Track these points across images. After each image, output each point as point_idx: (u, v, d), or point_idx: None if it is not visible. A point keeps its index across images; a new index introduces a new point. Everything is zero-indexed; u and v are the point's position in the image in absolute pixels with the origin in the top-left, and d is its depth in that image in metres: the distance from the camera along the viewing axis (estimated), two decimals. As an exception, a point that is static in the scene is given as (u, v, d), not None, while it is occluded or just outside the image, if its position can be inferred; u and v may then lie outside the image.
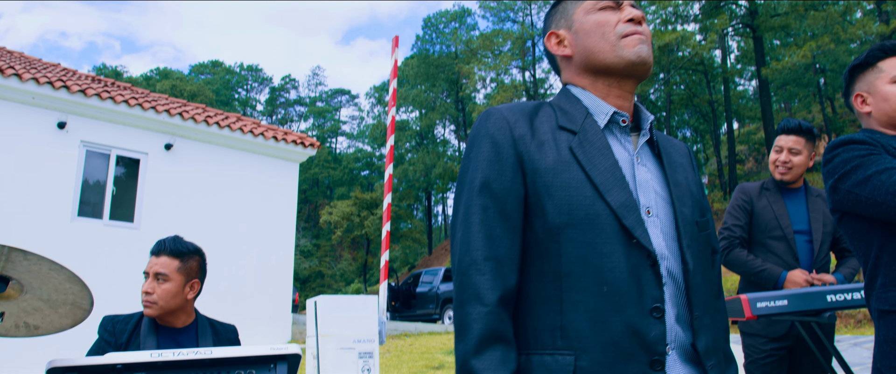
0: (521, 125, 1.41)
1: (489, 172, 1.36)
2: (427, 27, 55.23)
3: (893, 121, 2.15)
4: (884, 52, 2.20)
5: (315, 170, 64.68)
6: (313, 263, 54.66)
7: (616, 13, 1.49)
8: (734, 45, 40.40)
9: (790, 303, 2.70)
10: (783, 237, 3.48)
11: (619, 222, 1.31)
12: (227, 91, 70.13)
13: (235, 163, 12.05)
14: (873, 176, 1.92)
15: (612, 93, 1.49)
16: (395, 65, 5.87)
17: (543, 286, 1.32)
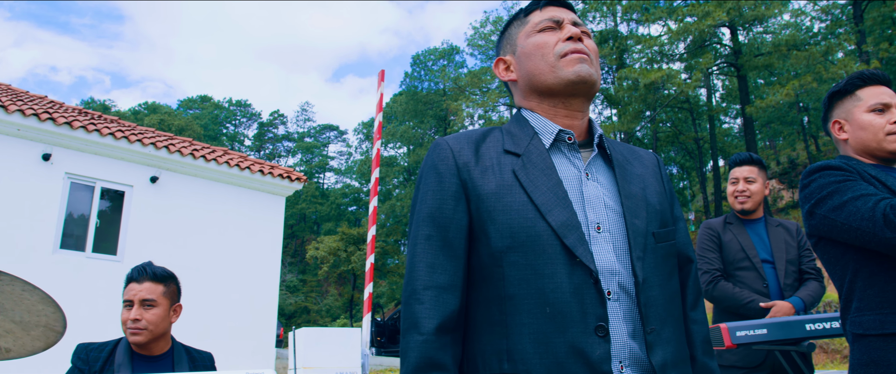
0: (466, 153, 1.43)
1: (433, 201, 1.39)
2: (415, 64, 55.68)
3: (869, 149, 2.18)
4: (863, 81, 2.24)
5: (302, 205, 64.51)
6: (299, 298, 54.23)
7: (556, 33, 1.50)
8: (719, 84, 40.93)
9: (769, 332, 2.72)
10: (752, 267, 3.56)
11: (560, 242, 1.30)
12: (216, 126, 70.20)
13: (221, 197, 12.00)
14: (849, 202, 1.95)
15: (559, 113, 1.49)
16: (381, 98, 5.91)
17: (489, 311, 1.32)
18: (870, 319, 1.98)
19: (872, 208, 1.88)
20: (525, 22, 1.56)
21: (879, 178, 2.06)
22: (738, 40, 31.10)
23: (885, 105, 2.17)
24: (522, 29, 1.56)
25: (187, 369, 2.62)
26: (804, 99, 34.19)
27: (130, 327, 2.51)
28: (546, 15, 1.53)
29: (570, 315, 1.26)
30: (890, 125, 2.14)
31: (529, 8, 1.57)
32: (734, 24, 29.98)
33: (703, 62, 28.59)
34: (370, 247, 5.55)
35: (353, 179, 67.82)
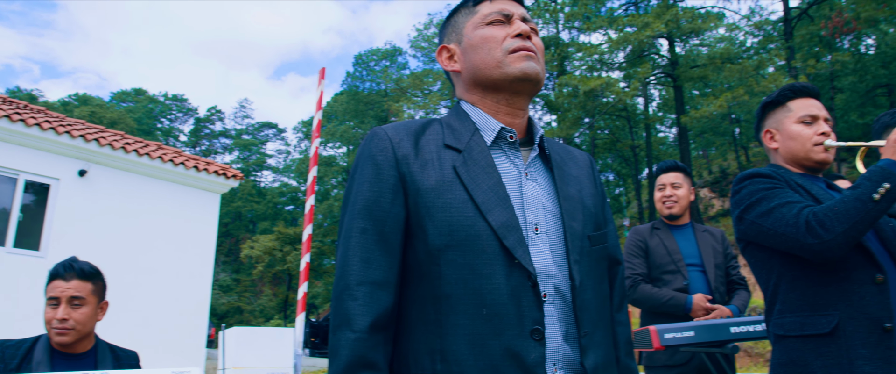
0: (405, 145, 1.38)
1: (369, 194, 1.33)
2: (358, 64, 55.39)
3: (798, 158, 2.26)
4: (794, 93, 2.32)
5: (238, 203, 63.34)
6: (232, 298, 53.23)
7: (505, 28, 1.46)
8: (656, 94, 41.87)
9: (696, 334, 2.77)
10: (677, 271, 3.64)
11: (499, 243, 1.28)
12: (150, 120, 68.33)
13: (154, 193, 11.68)
14: (776, 208, 2.03)
15: (502, 109, 1.46)
16: (321, 97, 5.85)
17: (423, 309, 1.29)
18: (791, 320, 2.06)
19: (797, 215, 1.96)
20: (473, 12, 1.51)
21: (805, 186, 2.14)
22: (675, 52, 31.88)
23: (813, 117, 2.26)
24: (470, 19, 1.51)
25: (111, 367, 2.52)
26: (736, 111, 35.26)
27: (56, 326, 2.40)
28: (496, 7, 1.49)
29: (507, 317, 1.24)
30: (817, 136, 2.22)
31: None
32: (672, 35, 30.75)
33: (641, 72, 29.23)
34: (306, 246, 5.48)
35: (291, 178, 66.93)
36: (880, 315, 1.93)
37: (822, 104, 2.31)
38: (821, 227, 1.90)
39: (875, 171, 1.93)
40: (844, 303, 1.97)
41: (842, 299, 1.97)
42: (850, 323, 1.94)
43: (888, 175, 1.89)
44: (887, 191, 1.87)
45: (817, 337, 1.98)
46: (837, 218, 1.88)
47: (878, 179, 1.90)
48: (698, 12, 29.98)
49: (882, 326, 1.92)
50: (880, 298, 1.95)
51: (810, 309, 2.02)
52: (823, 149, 2.22)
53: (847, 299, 1.97)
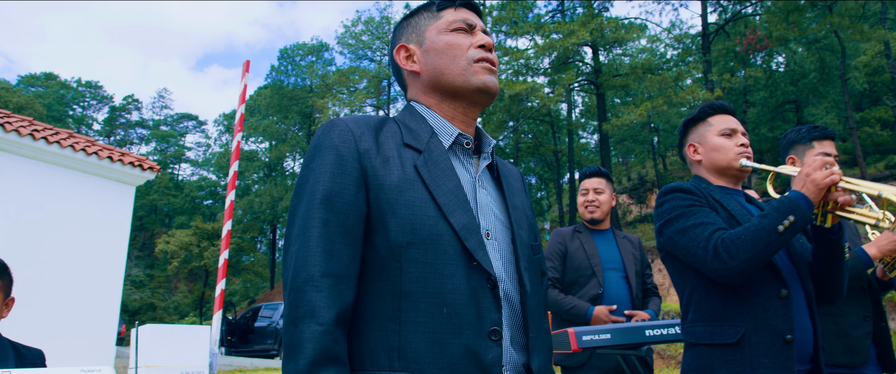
0: (367, 139, 1.38)
1: (332, 184, 1.31)
2: (283, 58, 54.41)
3: (720, 168, 2.41)
4: (713, 110, 2.50)
5: (154, 196, 61.47)
6: (145, 294, 51.54)
7: (468, 37, 1.50)
8: (579, 100, 42.72)
9: (613, 337, 2.88)
10: (593, 275, 3.72)
11: (461, 244, 1.30)
12: (61, 107, 65.44)
13: (64, 183, 11.18)
14: (690, 229, 2.17)
15: (458, 116, 1.50)
16: (245, 89, 5.72)
17: (382, 306, 1.28)
18: (701, 329, 2.20)
19: (707, 239, 2.09)
20: (437, 17, 1.54)
21: (723, 202, 2.28)
22: (599, 60, 32.59)
23: (732, 130, 2.43)
24: (433, 23, 1.54)
25: (14, 366, 2.40)
26: (655, 120, 36.38)
27: None
28: (460, 16, 1.53)
29: (467, 317, 1.26)
30: (738, 147, 2.39)
31: (443, 4, 1.56)
32: (596, 44, 31.42)
33: (565, 78, 29.73)
34: (225, 242, 5.36)
35: (211, 172, 65.30)
36: (782, 328, 2.09)
37: (737, 120, 2.49)
38: (727, 253, 2.03)
39: (784, 202, 2.04)
40: (750, 316, 2.11)
41: (748, 312, 2.12)
42: (755, 334, 2.09)
43: (794, 208, 2.01)
44: (791, 224, 1.99)
45: (724, 346, 2.12)
46: (743, 246, 2.01)
47: (784, 211, 2.01)
48: (622, 23, 30.74)
49: (783, 337, 2.08)
50: (783, 312, 2.11)
51: (720, 320, 2.16)
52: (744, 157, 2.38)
53: (753, 312, 2.11)
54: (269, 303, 22.33)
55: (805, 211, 2.00)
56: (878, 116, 33.90)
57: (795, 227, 1.99)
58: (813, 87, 31.48)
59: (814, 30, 28.10)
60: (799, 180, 2.09)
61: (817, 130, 3.11)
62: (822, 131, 3.10)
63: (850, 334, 2.86)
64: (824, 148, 3.06)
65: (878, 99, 34.24)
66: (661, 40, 33.05)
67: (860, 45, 31.02)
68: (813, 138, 3.10)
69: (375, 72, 44.04)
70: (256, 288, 53.06)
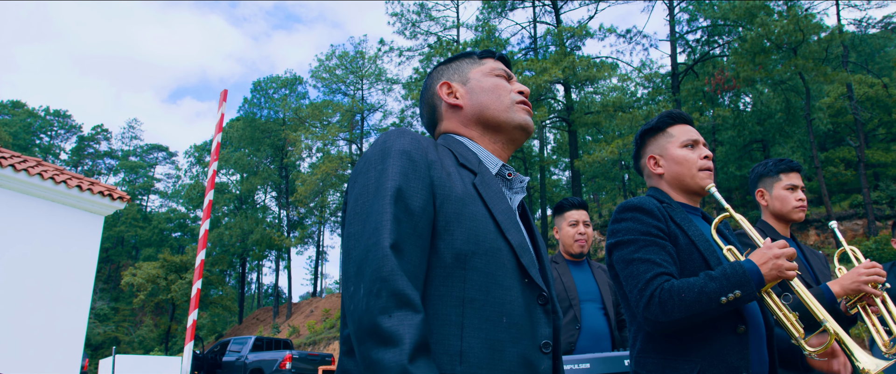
0: (433, 151, 1.44)
1: (405, 186, 1.31)
2: (256, 91, 54.30)
3: (684, 182, 2.31)
4: (672, 119, 2.39)
5: (121, 228, 60.51)
6: (109, 328, 50.44)
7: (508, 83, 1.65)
8: (551, 137, 43.14)
9: (592, 367, 2.86)
10: (570, 307, 3.66)
11: (517, 260, 1.37)
12: (28, 135, 64.41)
13: (30, 211, 10.97)
14: (635, 262, 2.07)
15: (497, 150, 1.61)
16: (221, 118, 5.69)
17: (445, 310, 1.29)
18: (653, 362, 2.09)
19: (647, 283, 2.00)
20: (480, 63, 1.68)
21: (683, 226, 2.17)
22: (571, 97, 32.98)
23: (694, 141, 2.33)
24: (477, 67, 1.67)
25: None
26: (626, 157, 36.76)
27: None
28: (500, 65, 1.68)
29: (523, 328, 1.32)
30: (701, 161, 2.30)
31: (485, 54, 1.71)
32: (568, 82, 31.82)
33: (538, 115, 30.01)
34: (198, 272, 5.28)
35: (180, 204, 64.43)
36: (738, 365, 1.98)
37: (696, 130, 2.39)
38: (660, 307, 1.94)
39: (737, 272, 1.95)
40: (706, 351, 2.01)
41: (704, 347, 2.01)
42: (710, 371, 1.99)
43: (744, 283, 1.93)
44: (736, 298, 1.91)
45: None
46: (680, 306, 1.92)
47: (734, 283, 1.93)
48: (594, 61, 31.22)
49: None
50: (739, 348, 2.00)
51: (673, 355, 2.05)
52: (707, 175, 2.29)
53: (708, 348, 2.01)
54: (238, 337, 21.94)
55: (753, 290, 1.93)
56: (842, 156, 34.65)
57: (738, 302, 1.92)
58: (779, 127, 32.12)
59: (779, 71, 28.78)
60: (762, 254, 2.01)
61: (784, 164, 3.13)
62: (788, 164, 3.12)
63: None
64: (791, 180, 3.08)
65: (842, 139, 35.06)
66: (631, 79, 33.57)
67: (824, 87, 31.81)
68: (780, 171, 3.12)
69: (349, 106, 44.11)
70: (224, 322, 52.24)
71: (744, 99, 36.56)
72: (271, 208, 56.08)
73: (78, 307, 11.49)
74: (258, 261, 56.39)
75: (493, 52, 1.71)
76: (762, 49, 28.04)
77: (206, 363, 20.83)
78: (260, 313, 49.74)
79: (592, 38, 32.67)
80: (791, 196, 3.05)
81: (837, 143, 36.40)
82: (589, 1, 33.87)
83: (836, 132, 35.22)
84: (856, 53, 36.75)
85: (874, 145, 34.77)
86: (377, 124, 45.88)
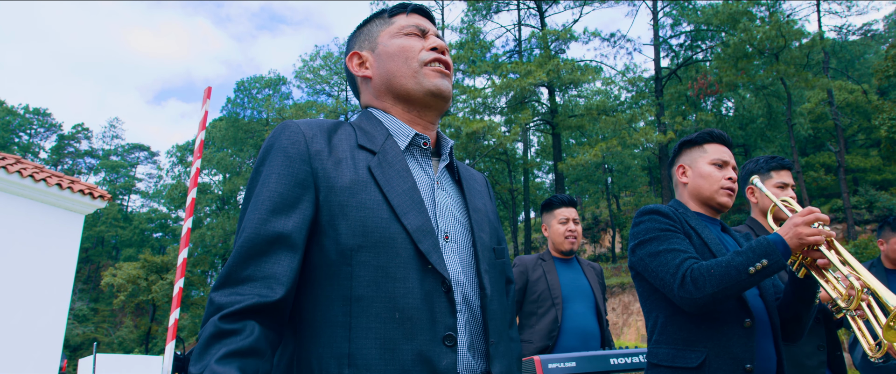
0: (319, 141, 1.35)
1: (277, 187, 1.28)
2: (240, 91, 54.05)
3: (703, 196, 2.43)
4: (712, 138, 2.50)
5: (101, 228, 59.92)
6: (88, 329, 49.88)
7: (421, 41, 1.50)
8: (535, 140, 43.22)
9: (578, 365, 2.89)
10: (552, 306, 3.63)
11: (414, 247, 1.27)
12: (6, 133, 63.59)
13: (9, 209, 10.83)
14: (663, 253, 2.18)
15: (413, 119, 1.49)
16: (205, 116, 5.64)
17: (331, 311, 1.24)
18: (664, 352, 2.22)
19: (677, 266, 2.12)
20: (389, 22, 1.54)
21: (697, 229, 2.29)
22: (555, 100, 33.07)
23: (724, 162, 2.44)
24: (385, 28, 1.53)
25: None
26: (609, 161, 36.98)
27: None
28: (412, 21, 1.53)
29: (420, 322, 1.23)
30: (725, 180, 2.40)
31: (395, 10, 1.56)
32: (552, 85, 31.93)
33: (521, 118, 30.09)
34: (180, 270, 5.22)
35: (162, 204, 63.90)
36: (743, 356, 2.10)
37: (732, 153, 2.50)
38: (694, 284, 2.05)
39: (762, 244, 2.02)
40: (713, 342, 2.13)
41: (711, 338, 2.14)
42: (716, 361, 2.11)
43: (770, 253, 1.99)
44: (764, 268, 1.98)
45: (685, 370, 2.15)
46: (711, 280, 2.02)
47: (760, 253, 2.00)
48: (578, 65, 31.35)
49: (743, 366, 2.09)
50: (745, 341, 2.12)
51: (683, 344, 2.19)
52: (727, 194, 2.39)
53: (715, 339, 2.13)
54: (219, 338, 21.78)
55: (780, 258, 1.99)
56: (823, 161, 35.02)
57: (767, 271, 1.99)
58: (761, 131, 32.45)
59: (761, 77, 29.09)
60: (786, 227, 2.06)
61: (775, 161, 3.14)
62: (779, 162, 3.13)
63: (805, 363, 2.88)
64: (782, 178, 3.09)
65: (822, 144, 35.45)
66: (615, 83, 33.75)
67: (805, 93, 32.18)
68: (771, 168, 3.12)
69: (333, 107, 43.99)
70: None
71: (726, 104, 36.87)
72: (254, 208, 55.71)
73: (56, 307, 11.36)
74: (240, 262, 56.10)
75: (405, 5, 1.57)
76: (745, 54, 28.32)
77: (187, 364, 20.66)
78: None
79: (577, 41, 32.87)
80: (782, 194, 3.04)
81: (818, 148, 36.79)
82: (574, 4, 34.02)
83: (816, 137, 35.60)
84: (836, 60, 37.18)
85: (854, 151, 35.18)
86: (361, 125, 45.73)
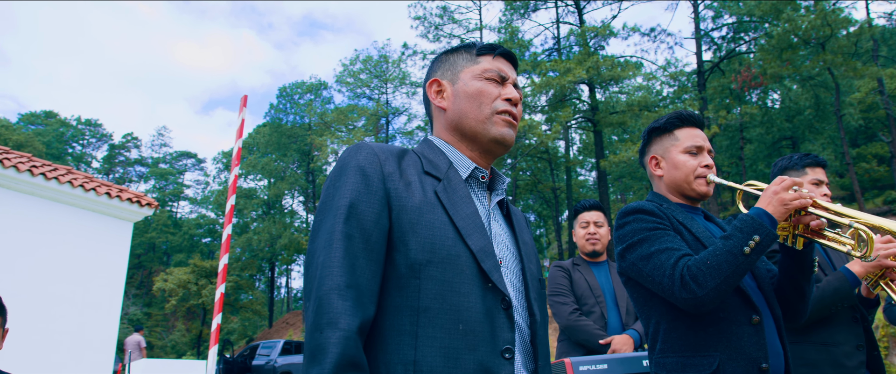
0: (391, 163, 1.44)
1: (357, 201, 1.36)
2: (282, 97, 54.76)
3: (680, 188, 2.30)
4: (681, 121, 2.35)
5: (152, 234, 61.34)
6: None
7: (498, 87, 1.57)
8: (577, 138, 42.93)
9: (610, 367, 2.81)
10: (596, 304, 3.74)
11: (477, 265, 1.35)
12: (61, 144, 65.58)
13: (61, 218, 11.18)
14: (655, 254, 2.05)
15: (474, 157, 1.57)
16: (242, 124, 5.77)
17: (400, 320, 1.31)
18: (673, 361, 2.06)
19: (673, 266, 1.97)
20: (475, 61, 1.60)
21: (686, 223, 2.18)
22: (595, 98, 32.79)
23: (698, 148, 2.29)
24: (469, 66, 1.60)
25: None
26: (652, 157, 36.40)
27: None
28: (496, 65, 1.59)
29: (481, 335, 1.30)
30: (701, 168, 2.26)
31: (483, 50, 1.62)
32: (593, 82, 31.67)
33: (562, 116, 29.93)
34: (221, 276, 5.35)
35: (209, 210, 65.13)
36: (757, 356, 1.97)
37: (705, 135, 2.34)
38: (694, 282, 1.91)
39: (746, 222, 1.94)
40: (723, 344, 1.99)
41: (721, 340, 2.00)
42: (730, 364, 1.97)
43: (757, 227, 1.92)
44: (757, 244, 1.90)
45: None
46: (710, 273, 1.90)
47: (748, 230, 1.92)
48: (618, 61, 31.03)
49: (759, 366, 1.96)
50: (756, 339, 1.99)
51: (691, 350, 2.04)
52: (705, 182, 2.26)
53: (726, 341, 2.00)
54: (267, 341, 22.12)
55: (769, 229, 1.91)
56: (875, 152, 34.08)
57: (761, 247, 1.91)
58: (809, 123, 31.70)
59: (808, 67, 28.40)
60: (765, 198, 2.00)
61: (809, 158, 3.08)
62: (813, 159, 3.07)
63: (845, 363, 2.78)
64: (817, 175, 3.03)
65: (874, 135, 34.48)
66: (656, 78, 33.37)
67: (854, 82, 31.35)
68: (805, 165, 3.06)
69: (374, 110, 44.32)
70: (255, 327, 52.68)
71: (772, 96, 36.10)
72: (299, 212, 56.54)
73: (109, 312, 11.70)
74: (287, 265, 56.77)
75: (494, 47, 1.62)
76: (789, 45, 27.69)
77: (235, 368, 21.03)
78: (289, 317, 50.05)
79: (616, 37, 32.52)
80: (817, 192, 2.98)
81: (869, 138, 35.81)
82: (612, 0, 33.69)
83: (867, 128, 34.66)
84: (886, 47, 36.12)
85: (907, 140, 34.12)
86: (402, 127, 46.07)
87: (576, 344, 3.73)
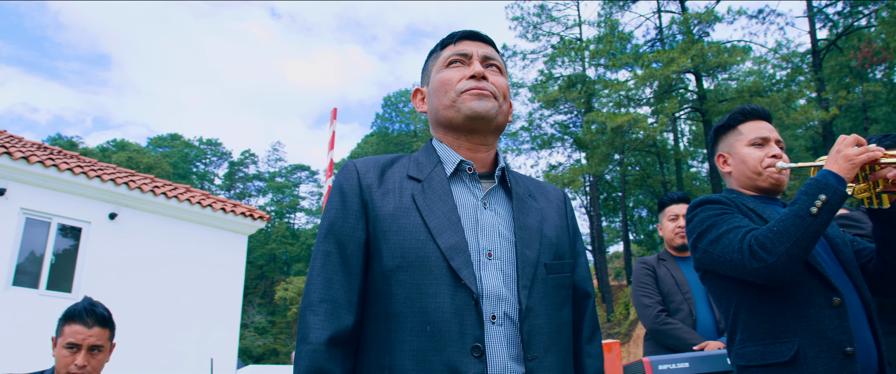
0: (371, 175, 1.50)
1: (335, 219, 1.45)
2: (387, 106, 56.00)
3: (750, 181, 2.25)
4: (744, 116, 2.32)
5: (272, 245, 63.85)
6: (268, 340, 53.31)
7: (462, 69, 1.57)
8: (686, 129, 41.58)
9: (691, 366, 2.72)
10: (684, 301, 3.59)
11: (447, 264, 1.36)
12: (186, 164, 69.52)
13: (181, 234, 11.92)
14: (723, 235, 2.01)
15: (463, 145, 1.57)
16: (333, 136, 6.00)
17: (376, 327, 1.38)
18: (751, 350, 2.01)
19: (741, 240, 1.94)
20: (439, 55, 1.64)
21: (757, 210, 2.12)
22: (702, 86, 31.66)
23: (764, 139, 2.25)
24: (435, 62, 1.64)
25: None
26: (767, 144, 34.77)
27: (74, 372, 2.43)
28: (457, 49, 1.60)
29: (449, 335, 1.31)
30: (768, 158, 2.21)
31: (444, 42, 1.64)
32: (699, 70, 30.60)
33: (668, 107, 29.06)
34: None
35: (324, 220, 67.09)
36: (840, 339, 1.89)
37: (773, 126, 2.30)
38: (763, 250, 1.86)
39: (811, 184, 1.90)
40: (803, 329, 1.92)
41: (800, 325, 1.93)
42: (811, 349, 1.90)
43: (823, 187, 1.86)
44: (824, 203, 1.84)
45: (778, 366, 1.93)
46: (778, 238, 1.85)
47: (814, 192, 1.87)
48: (725, 47, 29.81)
49: (843, 350, 1.88)
50: (838, 321, 1.91)
51: (770, 337, 1.97)
52: (776, 171, 2.20)
53: (805, 325, 1.92)
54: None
55: (836, 187, 1.85)
56: None
57: (829, 206, 1.83)
58: (941, 98, 29.43)
59: (936, 38, 26.37)
60: (830, 158, 1.94)
61: (889, 138, 2.87)
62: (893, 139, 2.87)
63: None
64: None
65: None
66: (767, 61, 31.82)
67: None
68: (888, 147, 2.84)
69: (477, 113, 44.43)
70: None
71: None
72: (410, 219, 57.33)
73: (230, 320, 12.34)
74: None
75: (453, 35, 1.63)
76: (914, 16, 25.82)
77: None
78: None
79: (721, 22, 31.29)
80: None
81: None
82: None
83: None
84: None
85: None
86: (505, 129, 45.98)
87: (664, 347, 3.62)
